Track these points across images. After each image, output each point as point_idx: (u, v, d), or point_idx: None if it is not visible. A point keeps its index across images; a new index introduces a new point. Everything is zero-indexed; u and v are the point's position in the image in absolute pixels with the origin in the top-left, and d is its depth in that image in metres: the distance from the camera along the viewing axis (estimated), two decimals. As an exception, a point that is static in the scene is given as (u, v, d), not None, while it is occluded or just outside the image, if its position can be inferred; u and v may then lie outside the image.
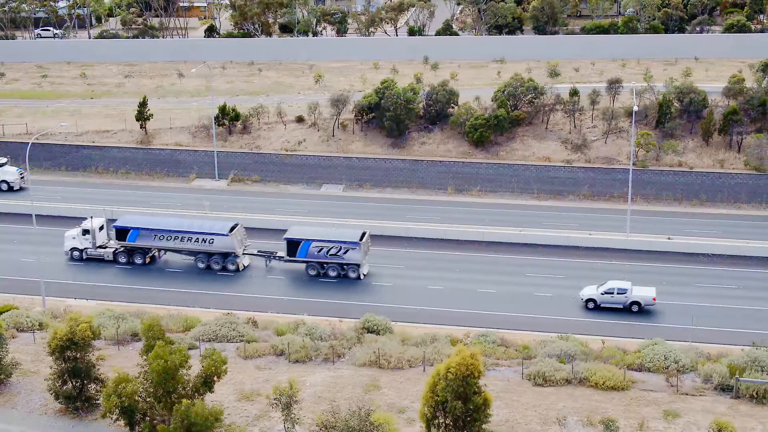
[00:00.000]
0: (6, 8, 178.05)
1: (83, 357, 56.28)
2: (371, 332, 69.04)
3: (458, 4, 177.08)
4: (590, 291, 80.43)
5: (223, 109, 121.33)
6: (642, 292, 79.51)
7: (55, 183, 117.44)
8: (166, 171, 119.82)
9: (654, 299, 78.85)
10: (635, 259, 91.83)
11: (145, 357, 54.88)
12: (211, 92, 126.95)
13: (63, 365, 56.25)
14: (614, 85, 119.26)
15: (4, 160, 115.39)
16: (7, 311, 72.43)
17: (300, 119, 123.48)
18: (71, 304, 79.06)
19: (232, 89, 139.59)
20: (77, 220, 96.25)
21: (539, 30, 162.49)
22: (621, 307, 78.96)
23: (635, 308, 78.91)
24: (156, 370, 52.35)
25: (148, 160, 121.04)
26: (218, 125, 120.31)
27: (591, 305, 79.76)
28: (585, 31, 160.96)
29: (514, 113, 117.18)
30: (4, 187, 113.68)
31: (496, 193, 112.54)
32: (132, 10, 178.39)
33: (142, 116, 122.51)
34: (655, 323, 77.14)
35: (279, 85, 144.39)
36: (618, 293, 79.10)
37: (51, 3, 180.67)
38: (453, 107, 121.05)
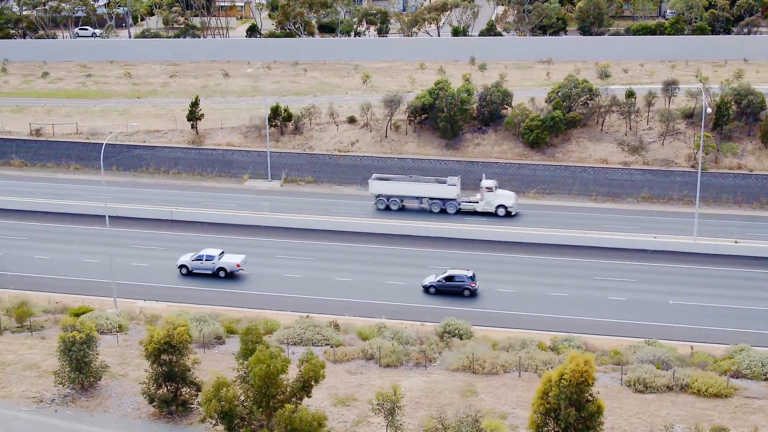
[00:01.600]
0: (47, 7, 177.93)
1: (179, 361, 55.54)
2: (452, 336, 68.19)
3: (500, 4, 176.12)
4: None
5: (275, 110, 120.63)
6: None
7: (110, 183, 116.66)
8: (218, 171, 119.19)
9: None
10: (702, 263, 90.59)
11: (241, 361, 54.23)
12: (263, 93, 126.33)
13: (159, 369, 55.51)
14: (671, 86, 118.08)
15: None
16: (84, 313, 71.79)
17: (352, 120, 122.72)
18: (143, 306, 78.50)
19: (279, 89, 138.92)
20: (146, 221, 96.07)
21: (584, 31, 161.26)
22: None
23: None
24: (258, 375, 51.57)
25: (200, 160, 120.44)
26: (270, 125, 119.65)
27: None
28: (631, 32, 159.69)
29: (570, 115, 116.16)
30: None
31: (553, 195, 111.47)
32: (174, 9, 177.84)
33: (194, 116, 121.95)
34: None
35: (325, 85, 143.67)
36: None
37: (91, 2, 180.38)
38: (506, 108, 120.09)
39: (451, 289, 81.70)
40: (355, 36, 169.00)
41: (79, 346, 57.76)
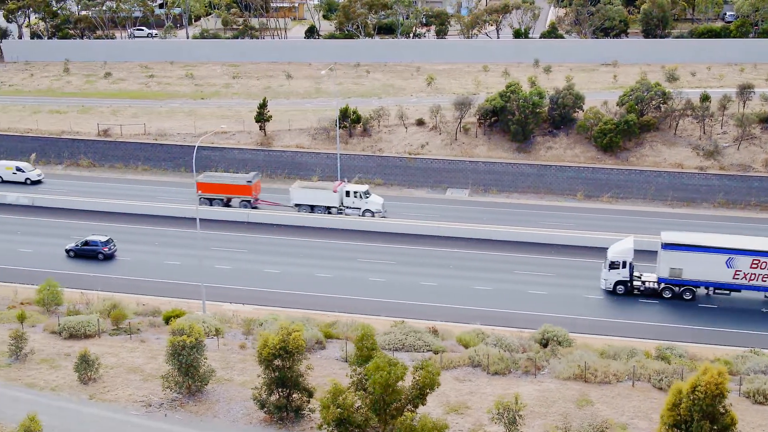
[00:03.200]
0: (105, 8, 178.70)
1: (292, 366, 54.98)
2: (549, 343, 67.27)
3: (560, 6, 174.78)
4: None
5: (344, 112, 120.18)
6: None
7: (178, 185, 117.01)
8: (287, 173, 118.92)
9: None
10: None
11: (354, 368, 53.57)
12: (334, 95, 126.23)
13: (272, 374, 55.00)
14: (746, 90, 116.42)
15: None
16: (177, 316, 71.40)
17: (420, 122, 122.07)
18: (235, 309, 78.16)
19: (343, 91, 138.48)
20: (225, 223, 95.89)
21: (647, 33, 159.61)
22: None
23: None
24: (379, 382, 50.87)
25: (269, 162, 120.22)
26: (338, 127, 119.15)
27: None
28: (695, 34, 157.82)
29: (643, 118, 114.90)
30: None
31: (627, 199, 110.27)
32: (233, 10, 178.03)
33: (262, 117, 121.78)
34: None
35: (389, 87, 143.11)
36: None
37: (148, 2, 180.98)
38: (577, 111, 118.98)
39: (88, 253, 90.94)
40: (414, 37, 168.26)
41: (188, 351, 57.34)
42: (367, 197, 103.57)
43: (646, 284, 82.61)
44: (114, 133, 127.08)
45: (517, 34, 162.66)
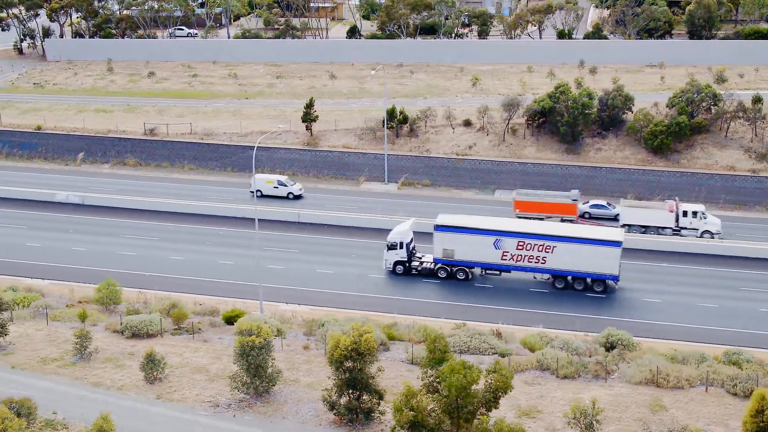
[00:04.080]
0: (146, 7, 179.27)
1: (363, 368, 54.58)
2: (614, 347, 66.53)
3: (600, 6, 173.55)
4: None
5: (391, 112, 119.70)
6: None
7: (225, 184, 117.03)
8: (334, 173, 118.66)
9: None
10: None
11: (426, 370, 53.14)
12: (382, 95, 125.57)
13: (343, 376, 54.63)
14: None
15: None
16: (237, 317, 71.29)
17: (467, 123, 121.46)
18: (294, 309, 78.01)
19: (387, 91, 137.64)
20: (275, 223, 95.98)
21: (693, 34, 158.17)
22: None
23: None
24: (455, 385, 50.45)
25: (316, 162, 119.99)
26: (386, 128, 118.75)
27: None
28: (741, 35, 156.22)
29: (694, 120, 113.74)
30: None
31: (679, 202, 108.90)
32: (274, 10, 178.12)
33: (308, 117, 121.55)
34: None
35: (433, 87, 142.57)
36: None
37: (189, 2, 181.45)
38: (626, 113, 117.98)
39: None
40: (456, 38, 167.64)
41: (257, 351, 57.07)
42: (705, 218, 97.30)
43: (424, 264, 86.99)
44: (160, 132, 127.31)
45: (561, 35, 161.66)
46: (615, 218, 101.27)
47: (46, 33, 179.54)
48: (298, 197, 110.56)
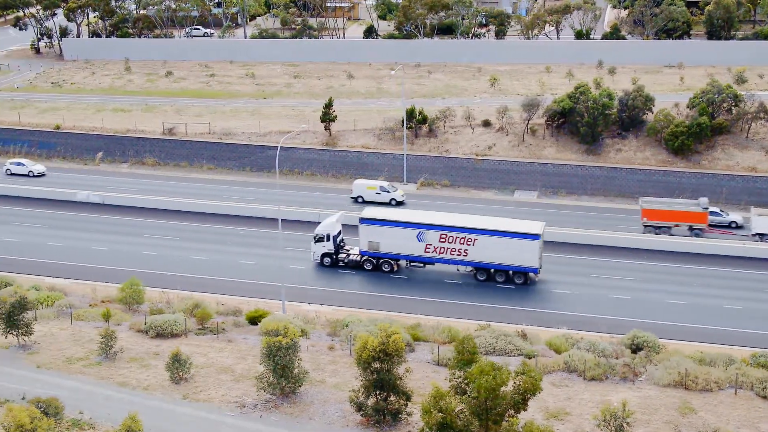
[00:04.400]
0: (163, 6, 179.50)
1: (390, 369, 54.39)
2: (639, 349, 66.20)
3: (617, 6, 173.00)
4: None
5: (410, 112, 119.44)
6: None
7: (244, 183, 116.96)
8: (353, 173, 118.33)
9: None
10: None
11: (454, 371, 52.91)
12: (401, 95, 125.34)
13: (370, 377, 54.45)
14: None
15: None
16: (260, 317, 71.31)
17: (487, 123, 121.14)
18: (317, 309, 77.90)
19: (405, 91, 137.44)
20: (296, 223, 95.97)
21: (711, 35, 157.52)
22: None
23: None
24: (484, 387, 50.14)
25: (334, 162, 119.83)
26: (405, 128, 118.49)
27: None
28: (761, 36, 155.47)
29: (715, 121, 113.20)
30: None
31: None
32: (291, 10, 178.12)
33: (327, 117, 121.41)
34: None
35: (451, 87, 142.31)
36: None
37: (206, 1, 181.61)
38: (646, 113, 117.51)
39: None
40: (473, 38, 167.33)
41: (284, 352, 56.95)
42: None
43: (350, 256, 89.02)
44: (179, 131, 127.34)
45: (579, 35, 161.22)
46: (729, 225, 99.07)
47: (63, 32, 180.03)
48: (400, 203, 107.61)
